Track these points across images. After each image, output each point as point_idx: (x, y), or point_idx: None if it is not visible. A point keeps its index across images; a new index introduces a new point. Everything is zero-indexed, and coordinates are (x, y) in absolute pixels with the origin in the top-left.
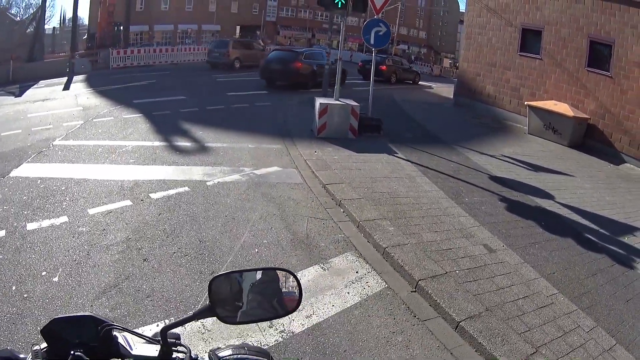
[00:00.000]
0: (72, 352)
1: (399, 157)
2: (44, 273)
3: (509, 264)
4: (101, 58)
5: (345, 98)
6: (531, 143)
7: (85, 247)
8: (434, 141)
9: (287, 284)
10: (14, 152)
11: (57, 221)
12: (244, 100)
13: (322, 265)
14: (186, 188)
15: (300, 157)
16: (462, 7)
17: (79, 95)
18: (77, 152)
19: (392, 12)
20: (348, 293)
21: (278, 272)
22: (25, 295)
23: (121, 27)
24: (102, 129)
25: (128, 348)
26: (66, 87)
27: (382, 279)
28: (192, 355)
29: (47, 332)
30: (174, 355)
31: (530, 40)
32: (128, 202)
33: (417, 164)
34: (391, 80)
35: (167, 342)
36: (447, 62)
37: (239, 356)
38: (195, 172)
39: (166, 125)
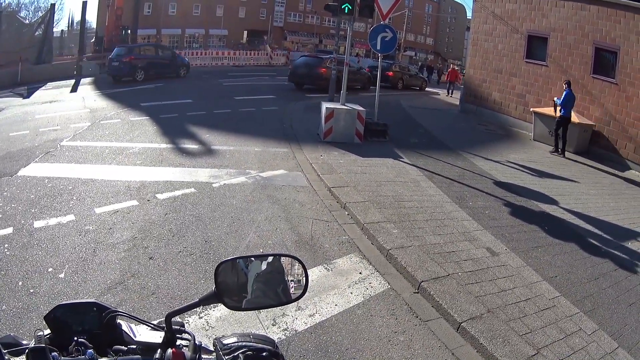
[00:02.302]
0: (75, 338)
1: (404, 162)
2: (50, 269)
3: (511, 267)
4: (109, 61)
5: (351, 103)
6: (536, 149)
7: (92, 245)
8: (439, 147)
9: (293, 271)
10: (22, 152)
11: (64, 219)
12: (251, 104)
13: (326, 265)
14: (192, 189)
15: (306, 160)
16: (469, 14)
17: (86, 98)
18: (85, 153)
19: (399, 19)
20: (351, 293)
21: (284, 259)
22: (31, 291)
23: (129, 31)
24: (110, 130)
25: (132, 335)
26: (74, 89)
27: (385, 280)
28: (197, 342)
29: (51, 318)
30: (178, 342)
31: (536, 47)
32: (135, 202)
33: (423, 168)
34: (398, 86)
35: (171, 329)
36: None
37: (244, 343)
38: (201, 174)
39: (173, 128)
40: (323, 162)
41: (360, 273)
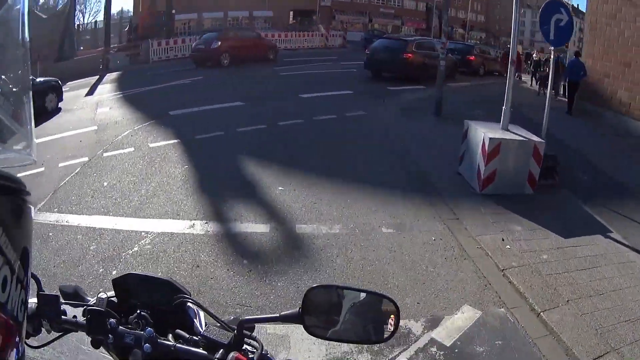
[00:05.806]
0: (138, 311)
1: (620, 243)
2: None
3: None
4: (142, 50)
5: (513, 125)
6: None
7: None
8: (617, 188)
9: (387, 311)
10: None
11: None
12: (327, 106)
13: None
14: None
15: (488, 261)
16: None
17: (100, 104)
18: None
19: None
20: None
21: (380, 298)
22: None
23: (171, 13)
24: (110, 178)
25: (198, 325)
26: (90, 91)
27: None
28: (264, 351)
29: (119, 283)
30: (245, 347)
31: None
32: None
33: None
34: (479, 72)
35: (241, 332)
36: (519, 49)
37: None
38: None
39: (215, 169)
40: (521, 266)
41: None
